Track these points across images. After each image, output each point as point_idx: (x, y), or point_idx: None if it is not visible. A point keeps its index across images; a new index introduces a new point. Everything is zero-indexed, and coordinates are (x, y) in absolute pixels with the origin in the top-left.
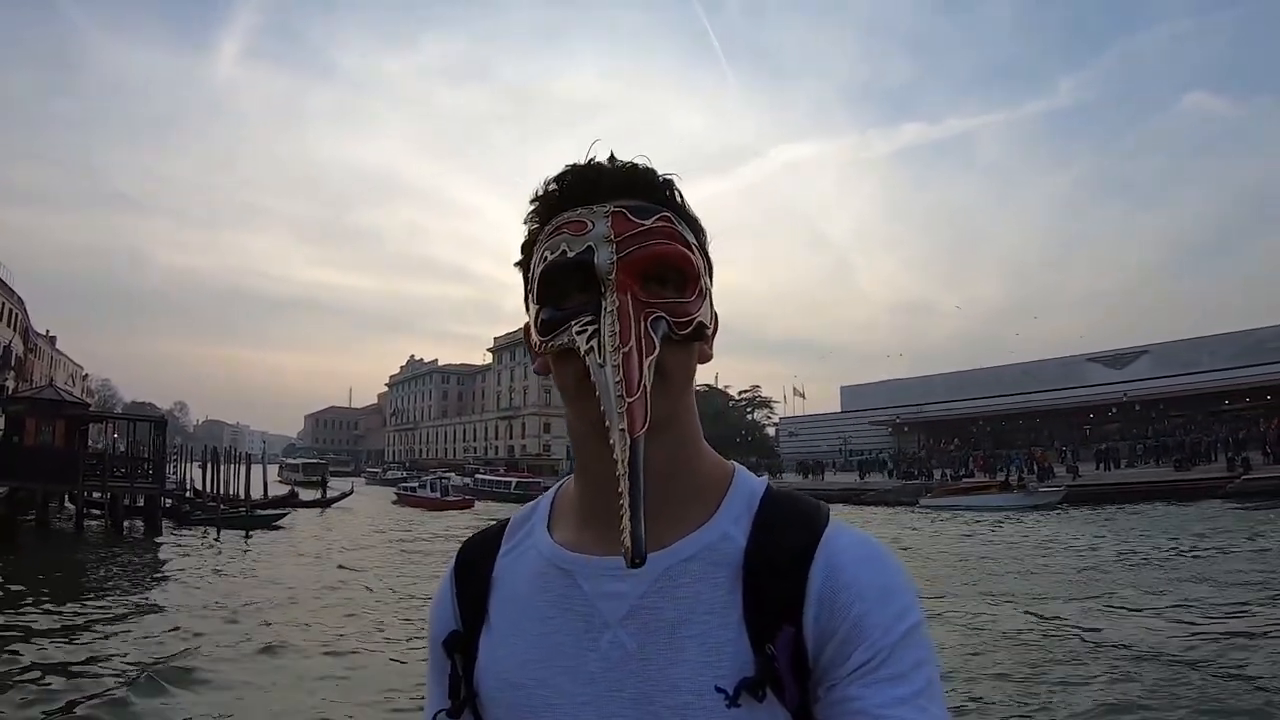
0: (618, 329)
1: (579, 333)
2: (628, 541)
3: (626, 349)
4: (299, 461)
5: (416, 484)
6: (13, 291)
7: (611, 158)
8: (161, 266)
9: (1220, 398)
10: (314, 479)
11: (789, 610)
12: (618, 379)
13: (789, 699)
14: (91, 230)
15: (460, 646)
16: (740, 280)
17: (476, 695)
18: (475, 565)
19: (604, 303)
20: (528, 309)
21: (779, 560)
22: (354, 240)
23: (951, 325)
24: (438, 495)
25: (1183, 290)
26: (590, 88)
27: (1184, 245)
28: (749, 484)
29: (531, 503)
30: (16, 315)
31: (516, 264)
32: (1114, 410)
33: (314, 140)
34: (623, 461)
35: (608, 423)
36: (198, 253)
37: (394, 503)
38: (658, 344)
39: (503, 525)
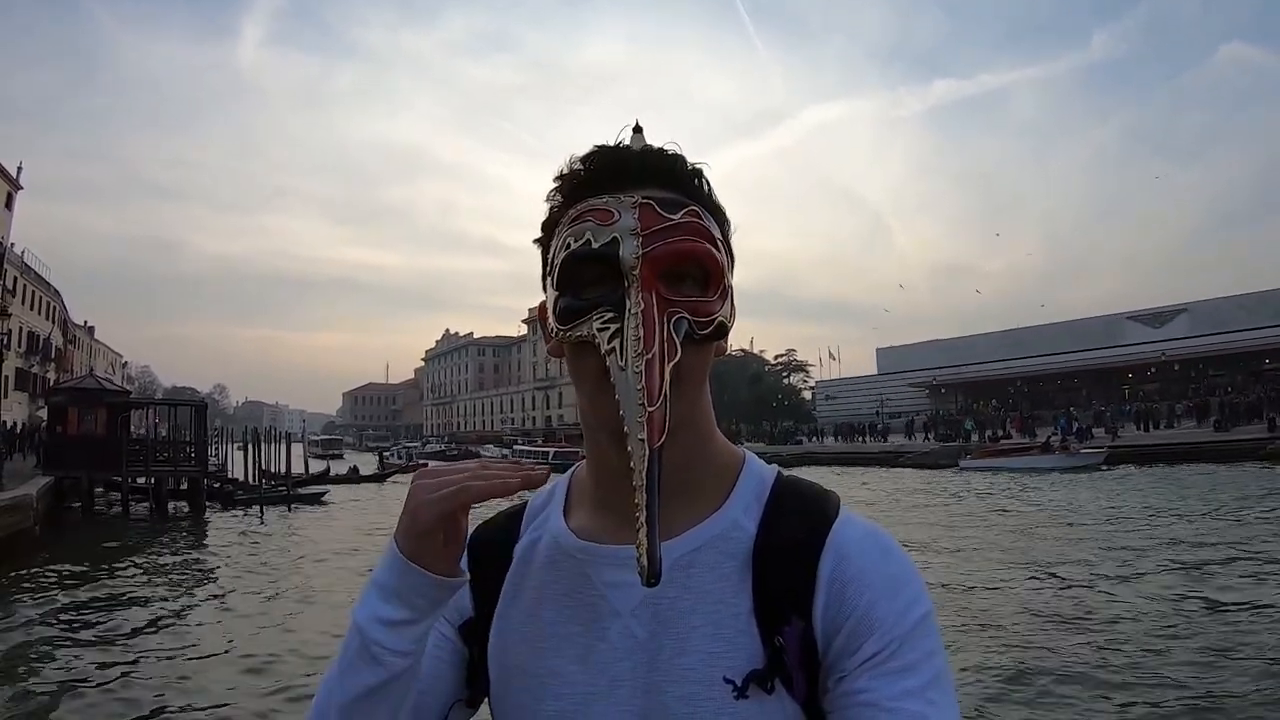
0: (642, 333)
1: (600, 329)
2: (644, 560)
3: (650, 355)
4: (319, 438)
5: (389, 454)
6: (50, 286)
7: (645, 144)
8: (196, 252)
9: (1260, 357)
10: (331, 453)
11: (798, 601)
12: (640, 385)
13: (797, 691)
14: (125, 219)
15: (476, 634)
16: (775, 243)
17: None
18: (491, 551)
19: (629, 302)
20: (545, 290)
21: (788, 551)
22: (385, 218)
23: (990, 286)
24: (404, 461)
25: (1223, 250)
26: (615, 56)
27: (1224, 203)
28: (759, 472)
29: (549, 487)
30: (54, 308)
31: (536, 241)
32: (1153, 370)
33: (341, 120)
34: (640, 472)
35: (626, 429)
36: (231, 237)
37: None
38: (680, 348)
39: (518, 510)
